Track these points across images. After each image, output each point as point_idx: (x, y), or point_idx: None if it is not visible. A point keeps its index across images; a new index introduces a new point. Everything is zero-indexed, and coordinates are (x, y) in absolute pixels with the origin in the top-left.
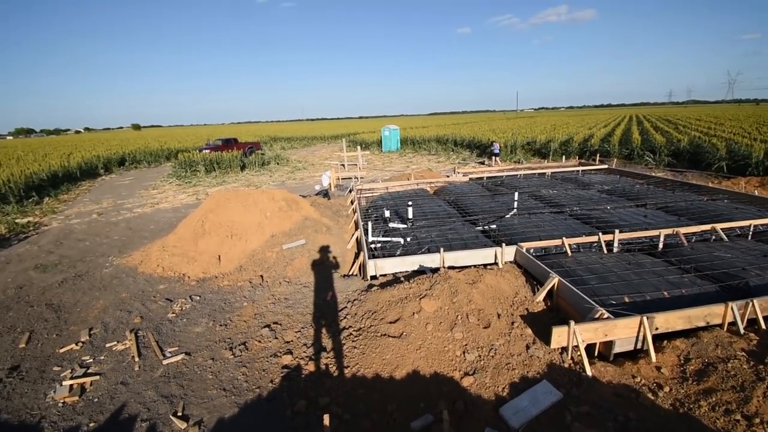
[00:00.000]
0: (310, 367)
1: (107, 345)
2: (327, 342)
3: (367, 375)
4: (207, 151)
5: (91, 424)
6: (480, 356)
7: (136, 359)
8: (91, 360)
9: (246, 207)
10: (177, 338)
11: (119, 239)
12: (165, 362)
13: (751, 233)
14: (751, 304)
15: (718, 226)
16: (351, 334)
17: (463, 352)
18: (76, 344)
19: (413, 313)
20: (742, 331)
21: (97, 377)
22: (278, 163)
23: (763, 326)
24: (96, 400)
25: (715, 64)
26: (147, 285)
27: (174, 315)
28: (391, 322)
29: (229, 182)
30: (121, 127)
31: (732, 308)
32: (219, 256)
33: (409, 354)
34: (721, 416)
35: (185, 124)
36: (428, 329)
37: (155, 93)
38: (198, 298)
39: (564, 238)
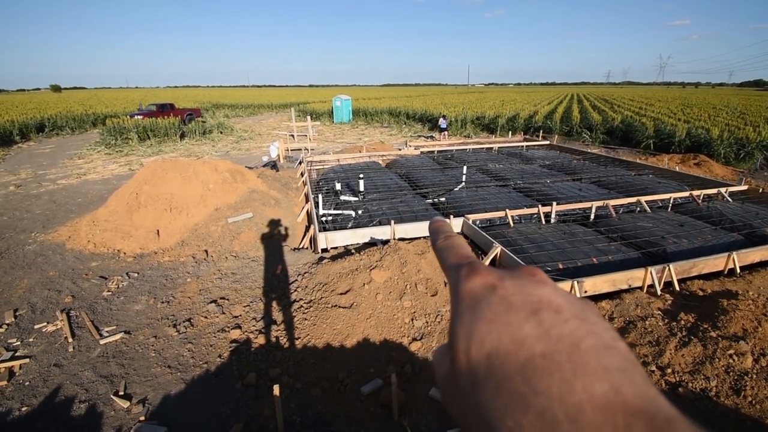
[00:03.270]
0: (260, 340)
1: (36, 326)
2: (277, 315)
3: (318, 345)
4: (140, 117)
5: (24, 409)
6: (428, 322)
7: (70, 340)
8: (19, 343)
9: (186, 178)
10: (114, 317)
11: (42, 213)
12: (102, 342)
13: (670, 205)
14: (667, 268)
15: (643, 198)
16: (302, 306)
17: (412, 319)
18: (0, 327)
19: (364, 283)
20: (659, 293)
21: (27, 360)
22: (222, 132)
23: (678, 288)
24: (27, 383)
25: (649, 48)
26: (77, 262)
27: (110, 293)
28: (342, 294)
29: (167, 152)
30: (39, 89)
31: (651, 272)
32: (158, 231)
33: (360, 323)
34: None
35: (113, 86)
36: (378, 299)
37: (77, 50)
38: (136, 275)
39: (507, 210)
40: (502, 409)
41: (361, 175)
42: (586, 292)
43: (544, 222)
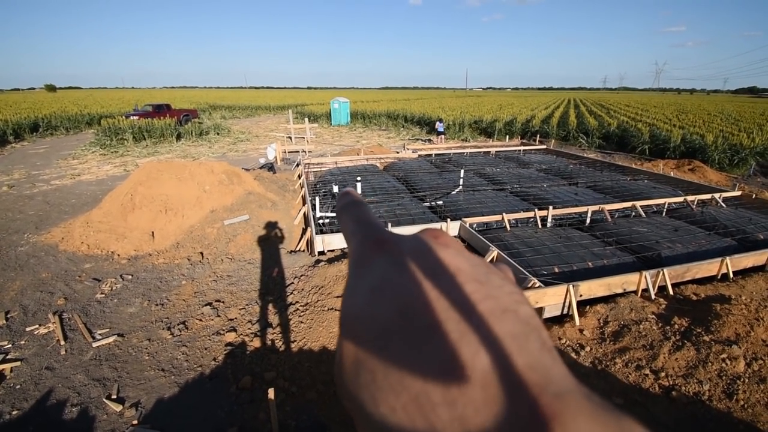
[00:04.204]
0: (256, 343)
1: (27, 329)
2: (273, 318)
3: (314, 348)
4: (135, 117)
5: (15, 412)
6: None
7: (62, 343)
8: (10, 345)
9: (181, 180)
10: (108, 319)
11: (35, 214)
12: (95, 345)
13: (665, 210)
14: (661, 272)
15: (638, 203)
16: (298, 309)
17: None
18: None
19: None
20: (653, 297)
21: (18, 363)
22: (218, 134)
23: (672, 292)
24: (18, 387)
25: (645, 54)
26: (70, 264)
27: (103, 295)
28: (338, 297)
29: (163, 153)
30: (33, 88)
31: (645, 276)
32: (152, 233)
33: None
34: (633, 371)
35: (109, 86)
36: None
37: (73, 49)
38: (130, 277)
39: (504, 214)
40: (377, 393)
41: (359, 178)
42: (581, 296)
43: (540, 226)
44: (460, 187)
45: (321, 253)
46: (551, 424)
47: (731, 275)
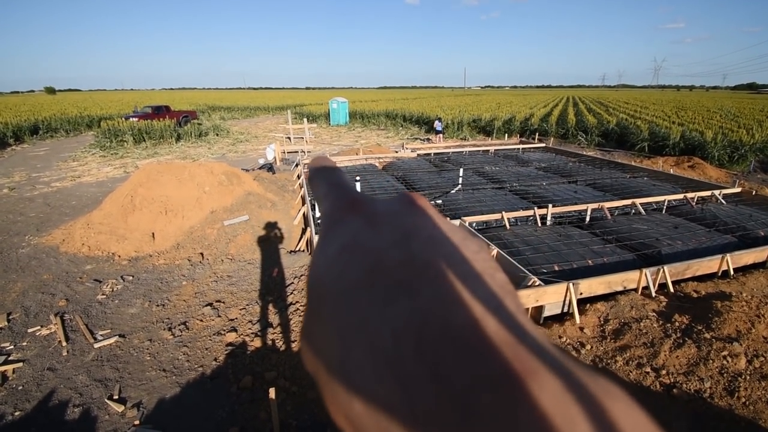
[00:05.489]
0: (256, 343)
1: (29, 330)
2: (273, 318)
3: None
4: (135, 119)
5: (17, 413)
6: None
7: (64, 344)
8: (12, 347)
9: (181, 181)
10: (109, 320)
11: (36, 216)
12: (97, 345)
13: (665, 207)
14: (662, 270)
15: (638, 201)
16: (298, 309)
17: None
18: None
19: None
20: (653, 294)
21: (20, 364)
22: (218, 135)
23: (672, 290)
24: (21, 388)
25: (644, 51)
26: (71, 265)
27: (104, 296)
28: None
29: (162, 154)
30: (33, 91)
31: (645, 274)
32: (153, 234)
33: None
34: (633, 369)
35: (108, 88)
36: None
37: (72, 52)
38: (131, 278)
39: (503, 213)
40: (343, 350)
41: (358, 178)
42: (581, 294)
43: (540, 224)
44: (459, 185)
45: None
46: (527, 380)
47: (732, 272)
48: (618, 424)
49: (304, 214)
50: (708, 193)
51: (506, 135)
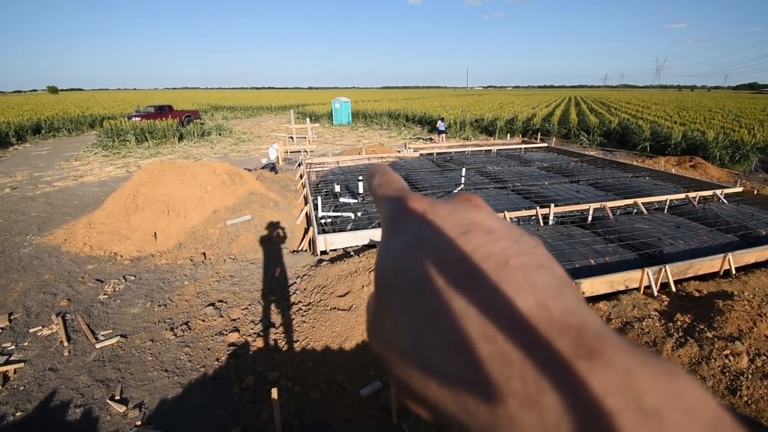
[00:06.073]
0: (259, 343)
1: (31, 330)
2: (276, 318)
3: (317, 348)
4: (137, 118)
5: (18, 414)
6: None
7: (65, 344)
8: (14, 347)
9: (184, 180)
10: (111, 320)
11: (38, 216)
12: (98, 346)
13: (666, 207)
14: (664, 269)
15: (640, 200)
16: (300, 309)
17: None
18: None
19: (363, 285)
20: (656, 294)
21: (21, 364)
22: (220, 134)
23: (674, 289)
24: (22, 388)
25: (646, 51)
26: (73, 265)
27: (106, 296)
28: (340, 296)
29: (165, 154)
30: (35, 90)
31: (648, 273)
32: (155, 234)
33: (359, 325)
34: None
35: (111, 88)
36: None
37: (75, 51)
38: (133, 278)
39: (506, 212)
40: (416, 336)
41: (361, 177)
42: (584, 293)
43: (542, 224)
44: (462, 185)
45: (323, 252)
46: (594, 358)
47: (733, 271)
48: (682, 398)
49: (306, 213)
50: (710, 192)
51: (508, 135)
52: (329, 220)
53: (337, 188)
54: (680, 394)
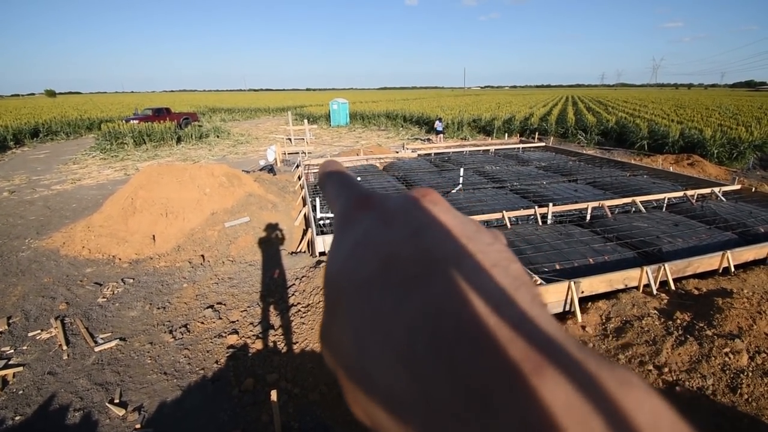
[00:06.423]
0: (258, 345)
1: (30, 334)
2: (275, 320)
3: (317, 350)
4: (135, 121)
5: (17, 418)
6: None
7: (64, 347)
8: (12, 351)
9: (182, 183)
10: (110, 324)
11: (36, 219)
12: (97, 349)
13: (665, 205)
14: (663, 267)
15: (638, 199)
16: (299, 310)
17: None
18: None
19: None
20: (655, 292)
21: (21, 368)
22: (218, 136)
23: (673, 287)
24: (21, 392)
25: (642, 50)
26: (72, 269)
27: (105, 299)
28: None
29: (163, 156)
30: (33, 94)
31: (647, 272)
32: (153, 236)
33: None
34: (636, 367)
35: (109, 91)
36: None
37: (72, 55)
38: (131, 280)
39: (504, 212)
40: (361, 343)
41: (359, 178)
42: (583, 292)
43: (540, 223)
44: (460, 185)
45: (322, 253)
46: (543, 372)
47: (732, 269)
48: (631, 414)
49: (305, 215)
50: (708, 190)
51: (506, 135)
52: (328, 221)
53: None
54: (631, 410)
